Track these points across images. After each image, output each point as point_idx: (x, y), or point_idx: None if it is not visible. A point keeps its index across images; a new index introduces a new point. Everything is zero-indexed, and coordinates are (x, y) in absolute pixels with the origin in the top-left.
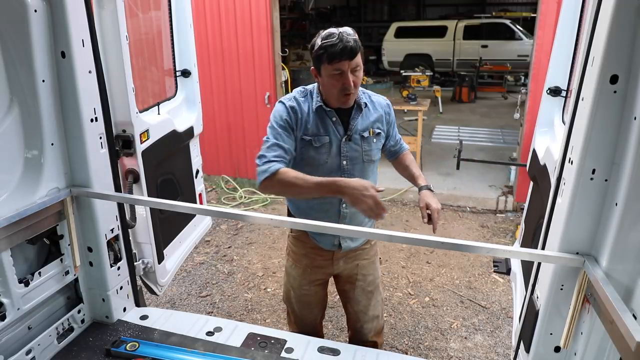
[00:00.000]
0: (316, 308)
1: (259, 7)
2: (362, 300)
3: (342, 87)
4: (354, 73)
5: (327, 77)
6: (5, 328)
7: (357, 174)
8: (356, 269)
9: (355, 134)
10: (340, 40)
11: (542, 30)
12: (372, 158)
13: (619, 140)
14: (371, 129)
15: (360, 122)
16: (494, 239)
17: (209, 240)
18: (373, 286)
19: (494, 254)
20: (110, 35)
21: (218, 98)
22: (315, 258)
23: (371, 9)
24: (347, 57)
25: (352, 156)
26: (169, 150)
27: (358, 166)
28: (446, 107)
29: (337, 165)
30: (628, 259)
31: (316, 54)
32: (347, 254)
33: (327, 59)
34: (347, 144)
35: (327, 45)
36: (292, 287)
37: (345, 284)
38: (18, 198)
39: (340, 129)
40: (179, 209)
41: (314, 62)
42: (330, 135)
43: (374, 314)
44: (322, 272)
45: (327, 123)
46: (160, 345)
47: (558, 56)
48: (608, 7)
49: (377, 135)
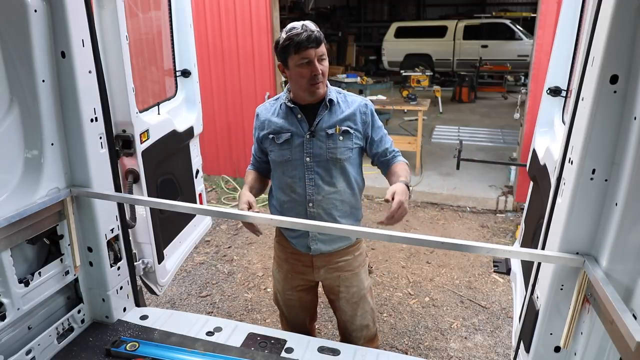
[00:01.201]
0: (302, 312)
1: (259, 7)
2: (347, 311)
3: (311, 76)
4: (321, 62)
5: (295, 67)
6: (5, 328)
7: (321, 171)
8: (338, 281)
9: (320, 131)
10: (304, 30)
11: (542, 30)
12: (337, 156)
13: (619, 140)
14: (338, 127)
15: (327, 119)
16: (494, 239)
17: (209, 240)
18: (358, 297)
19: (494, 254)
20: (110, 35)
21: (218, 98)
22: (296, 264)
23: (371, 9)
24: (314, 45)
25: (316, 153)
26: (169, 150)
27: (322, 163)
28: (446, 107)
29: (301, 161)
30: (628, 259)
31: (282, 46)
32: (327, 263)
33: (293, 48)
34: (311, 140)
35: (293, 35)
36: (278, 291)
37: (330, 294)
38: (18, 198)
39: (305, 125)
40: (179, 209)
41: (280, 56)
42: (293, 132)
43: (362, 324)
44: (303, 278)
45: (292, 120)
46: (160, 345)
47: (558, 56)
48: (608, 7)
49: (345, 134)
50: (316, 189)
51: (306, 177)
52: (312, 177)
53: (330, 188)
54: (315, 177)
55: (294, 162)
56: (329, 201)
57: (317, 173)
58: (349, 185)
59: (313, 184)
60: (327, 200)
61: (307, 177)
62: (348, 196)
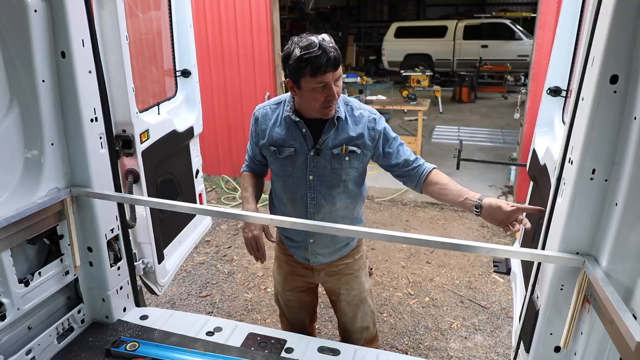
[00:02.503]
0: (302, 313)
1: (259, 7)
2: (348, 313)
3: (325, 100)
4: (336, 83)
5: (309, 91)
6: (5, 328)
7: (324, 190)
8: (338, 284)
9: (325, 150)
10: (323, 50)
11: (542, 30)
12: (342, 177)
13: (619, 140)
14: (344, 146)
15: (333, 137)
16: (494, 239)
17: (209, 240)
18: (358, 299)
19: (494, 254)
20: (110, 35)
21: (218, 98)
22: (296, 266)
23: (371, 9)
24: (332, 69)
25: (320, 172)
26: (169, 150)
27: (326, 183)
28: (446, 107)
29: (304, 179)
30: (628, 259)
31: (296, 65)
32: (327, 267)
33: (310, 71)
34: (315, 158)
35: (311, 57)
36: (278, 291)
37: (331, 296)
38: (18, 198)
39: (310, 141)
40: (179, 209)
41: (291, 74)
42: (297, 147)
43: (362, 325)
44: (303, 280)
45: (296, 134)
46: (160, 345)
47: (558, 56)
48: (608, 7)
49: (351, 154)
50: (318, 208)
51: (308, 195)
52: (314, 195)
53: (332, 206)
54: (317, 196)
55: (296, 178)
56: (330, 219)
57: (320, 192)
58: (352, 201)
59: (315, 202)
60: (328, 218)
61: (309, 196)
62: (350, 212)
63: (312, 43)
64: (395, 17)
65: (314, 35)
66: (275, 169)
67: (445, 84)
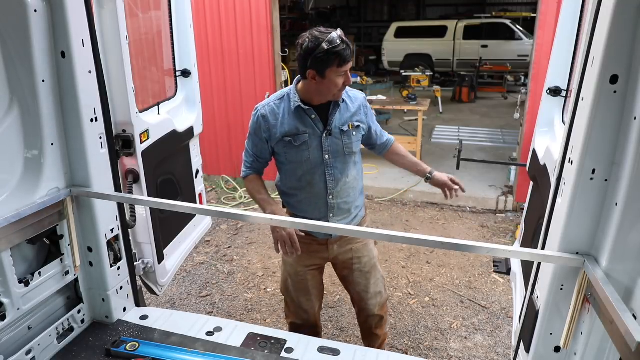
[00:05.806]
0: (313, 294)
1: (259, 7)
2: (361, 282)
3: (343, 85)
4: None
5: (334, 78)
6: (5, 328)
7: (339, 165)
8: (350, 253)
9: (335, 129)
10: (346, 44)
11: (542, 30)
12: (353, 150)
13: (619, 140)
14: (350, 123)
15: (339, 117)
16: (494, 239)
17: (209, 240)
18: (369, 266)
19: (494, 254)
20: (110, 35)
21: (218, 98)
22: (311, 244)
23: (371, 9)
24: (351, 59)
25: (334, 150)
26: (169, 150)
27: (340, 159)
28: (446, 107)
29: (320, 159)
30: (628, 259)
31: (325, 58)
32: (341, 239)
33: (338, 62)
34: (328, 138)
35: (339, 51)
36: (289, 275)
37: (343, 270)
38: (18, 198)
39: (320, 125)
40: (179, 209)
41: (317, 65)
42: (310, 132)
43: (376, 291)
44: (317, 256)
45: (306, 121)
46: (160, 345)
47: (558, 56)
48: (608, 7)
49: (357, 128)
50: (335, 182)
51: (326, 173)
52: (332, 172)
53: (346, 179)
54: (334, 172)
55: (312, 161)
56: (344, 191)
57: (336, 168)
58: (358, 172)
59: (333, 178)
60: (344, 190)
61: (328, 173)
62: (358, 182)
63: (335, 38)
64: (395, 17)
65: (331, 30)
66: (292, 158)
67: (445, 84)
